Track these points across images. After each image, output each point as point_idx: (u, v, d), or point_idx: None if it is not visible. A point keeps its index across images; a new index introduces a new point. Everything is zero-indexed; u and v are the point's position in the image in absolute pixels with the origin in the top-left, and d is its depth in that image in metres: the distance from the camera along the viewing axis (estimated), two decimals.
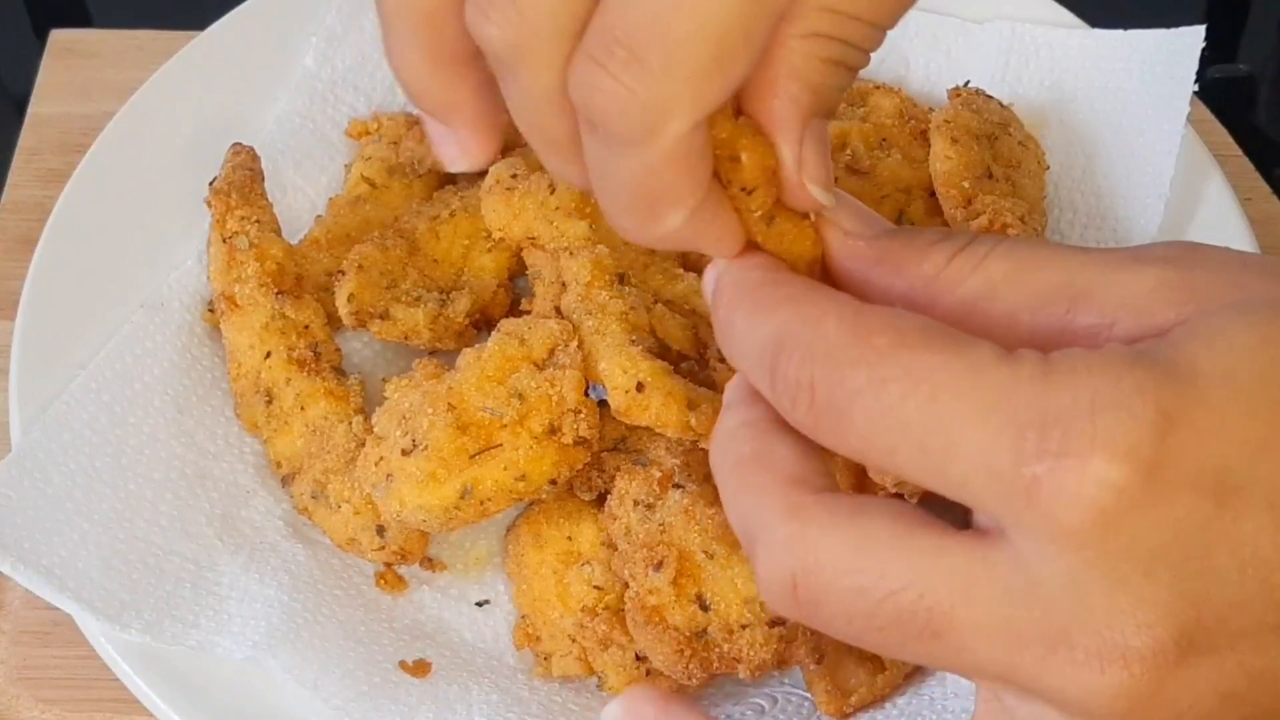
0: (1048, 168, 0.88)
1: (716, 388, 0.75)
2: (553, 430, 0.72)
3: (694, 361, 0.79)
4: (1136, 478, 0.41)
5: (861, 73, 0.94)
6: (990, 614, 0.43)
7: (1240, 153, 0.98)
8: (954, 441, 0.43)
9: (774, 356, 0.47)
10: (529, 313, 0.80)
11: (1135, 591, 0.42)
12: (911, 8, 0.49)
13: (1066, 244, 0.49)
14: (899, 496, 0.69)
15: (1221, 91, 1.08)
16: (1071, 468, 0.41)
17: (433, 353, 0.81)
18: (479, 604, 0.78)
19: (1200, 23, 0.88)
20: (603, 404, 0.74)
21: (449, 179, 0.91)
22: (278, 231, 0.81)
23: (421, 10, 0.49)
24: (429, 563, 0.78)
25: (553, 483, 0.72)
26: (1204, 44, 0.87)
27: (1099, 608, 0.42)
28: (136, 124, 0.90)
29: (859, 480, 0.73)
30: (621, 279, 0.78)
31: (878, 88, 0.92)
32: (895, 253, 0.49)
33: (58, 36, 1.05)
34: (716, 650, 0.69)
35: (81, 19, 1.15)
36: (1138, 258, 0.47)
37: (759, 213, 0.50)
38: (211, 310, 0.83)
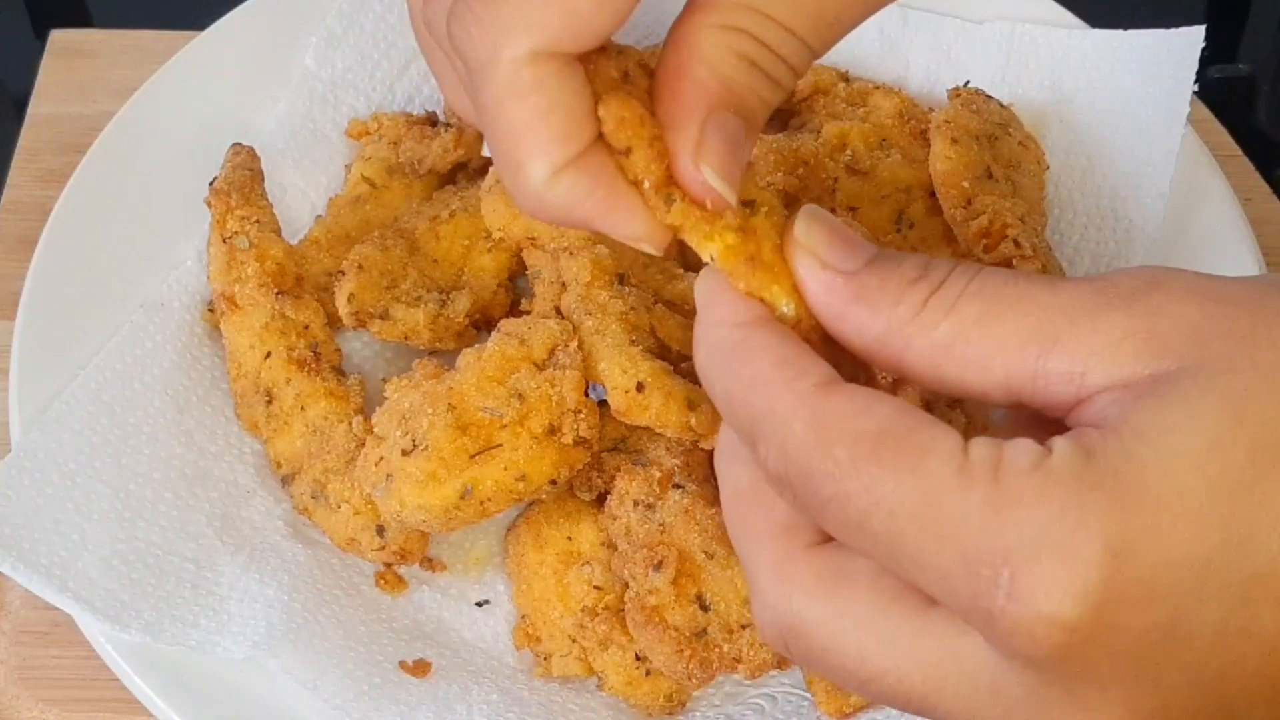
0: (1047, 168, 0.88)
1: None
2: (553, 430, 0.72)
3: (694, 362, 0.79)
4: (1086, 617, 0.43)
5: (862, 73, 0.95)
6: (962, 705, 0.47)
7: (1240, 153, 0.98)
8: (916, 561, 0.45)
9: (751, 436, 0.49)
10: (529, 313, 0.80)
11: (1092, 705, 0.45)
12: (844, 37, 0.51)
13: (1036, 278, 0.49)
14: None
15: (1221, 91, 1.08)
16: (1023, 609, 0.43)
17: (433, 353, 0.81)
18: (479, 604, 0.78)
19: (1200, 23, 0.88)
20: (603, 404, 0.74)
21: (449, 179, 0.91)
22: (278, 231, 0.81)
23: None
24: (429, 563, 0.78)
25: (553, 483, 0.72)
26: (1204, 44, 0.87)
27: (1058, 716, 0.46)
28: (136, 124, 0.90)
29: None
30: (621, 279, 0.78)
31: (878, 88, 0.92)
32: (872, 292, 0.50)
33: (58, 36, 1.05)
34: (716, 650, 0.69)
35: (81, 19, 1.15)
36: (1104, 300, 0.47)
37: (647, 184, 0.49)
38: (211, 310, 0.83)
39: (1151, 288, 0.47)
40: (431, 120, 0.92)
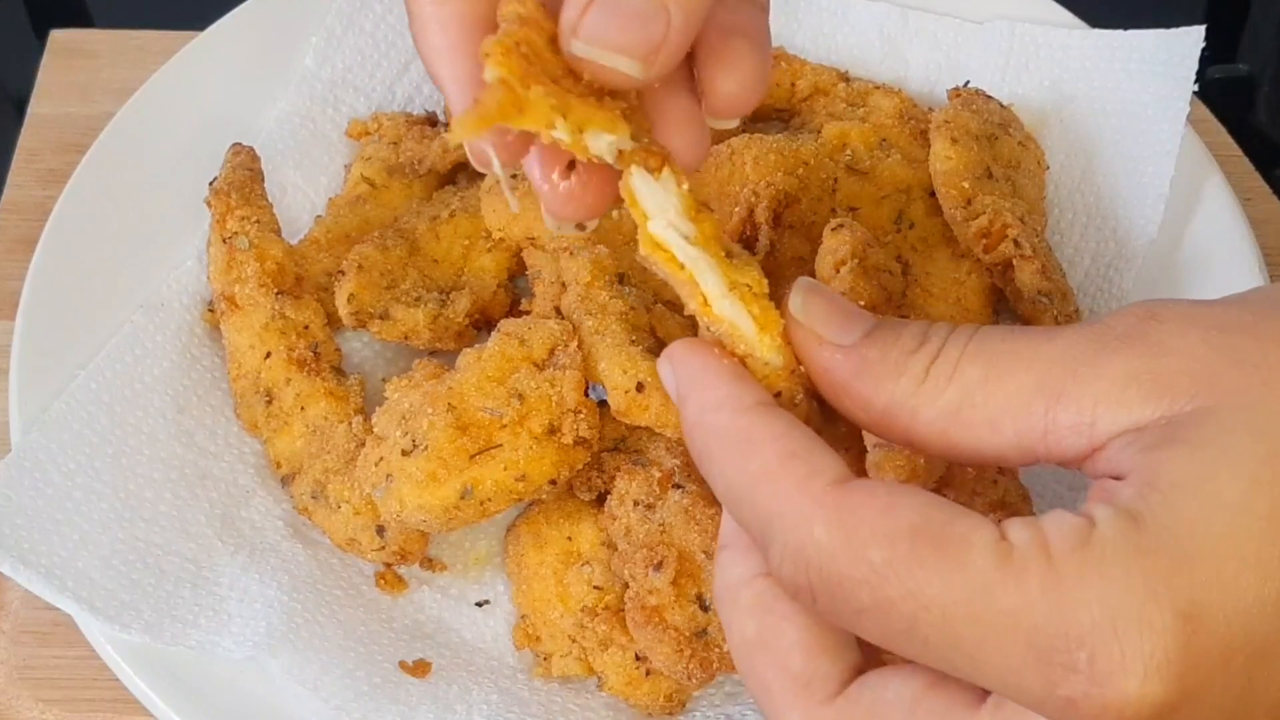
0: (1047, 168, 0.88)
1: None
2: (553, 430, 0.72)
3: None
4: (1170, 689, 0.42)
5: (862, 73, 0.95)
6: None
7: (1240, 153, 0.98)
8: (976, 660, 0.44)
9: (762, 538, 0.48)
10: (529, 313, 0.80)
11: None
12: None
13: (1033, 332, 0.49)
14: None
15: (1221, 91, 1.08)
16: (1108, 691, 0.42)
17: (433, 353, 0.81)
18: (479, 604, 0.78)
19: (1200, 23, 0.88)
20: (602, 404, 0.74)
21: (449, 179, 0.91)
22: (278, 232, 0.81)
23: None
24: (429, 563, 0.78)
25: (553, 483, 0.72)
26: (1204, 44, 0.87)
27: None
28: (136, 124, 0.90)
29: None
30: (621, 279, 0.78)
31: (878, 88, 0.92)
32: (873, 366, 0.49)
33: (58, 36, 1.05)
34: (716, 650, 0.69)
35: (81, 19, 1.15)
36: (1102, 345, 0.47)
37: (522, 48, 0.47)
38: (211, 310, 0.83)
39: (1147, 323, 0.47)
40: (431, 120, 0.92)
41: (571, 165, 0.52)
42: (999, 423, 0.47)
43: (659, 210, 0.50)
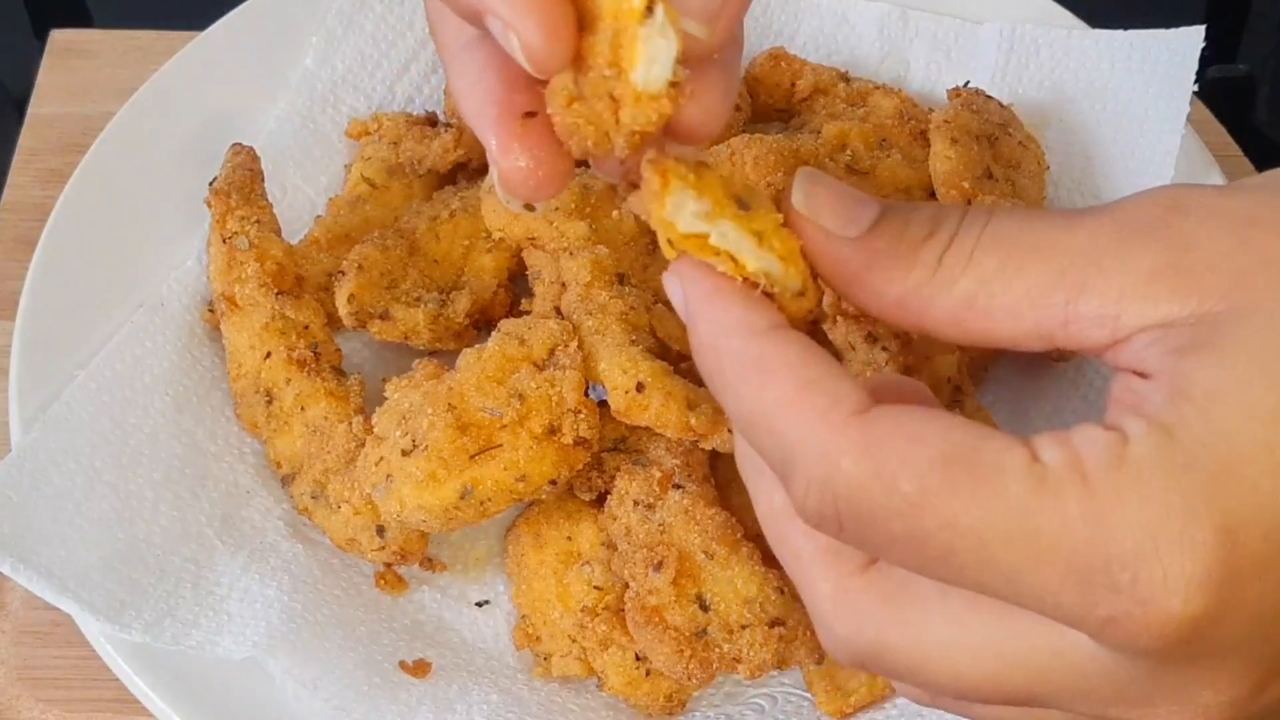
0: (1047, 168, 0.88)
1: None
2: (553, 431, 0.72)
3: (694, 361, 0.79)
4: (1210, 603, 0.42)
5: (862, 73, 0.95)
6: (1070, 694, 0.47)
7: (1240, 153, 0.98)
8: (1014, 583, 0.43)
9: (783, 470, 0.47)
10: (529, 313, 0.80)
11: (1210, 677, 0.45)
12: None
13: (1051, 217, 0.48)
14: None
15: (1221, 91, 1.08)
16: (1151, 610, 0.42)
17: (433, 353, 0.81)
18: (479, 604, 0.78)
19: (1200, 22, 0.88)
20: (603, 404, 0.74)
21: (449, 179, 0.91)
22: (278, 232, 0.81)
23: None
24: (429, 563, 0.78)
25: (553, 483, 0.72)
26: (1204, 44, 0.86)
27: (1177, 687, 0.45)
28: (136, 124, 0.90)
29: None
30: (621, 279, 0.78)
31: (878, 88, 0.92)
32: (883, 257, 0.48)
33: (58, 36, 1.05)
34: (716, 650, 0.69)
35: (81, 19, 1.15)
36: (1127, 237, 0.46)
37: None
38: (211, 310, 0.83)
39: (1172, 214, 0.46)
40: (431, 120, 0.92)
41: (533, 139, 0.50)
42: (1018, 311, 0.46)
43: (678, 208, 0.48)
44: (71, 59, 1.04)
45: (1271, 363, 0.43)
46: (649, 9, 0.44)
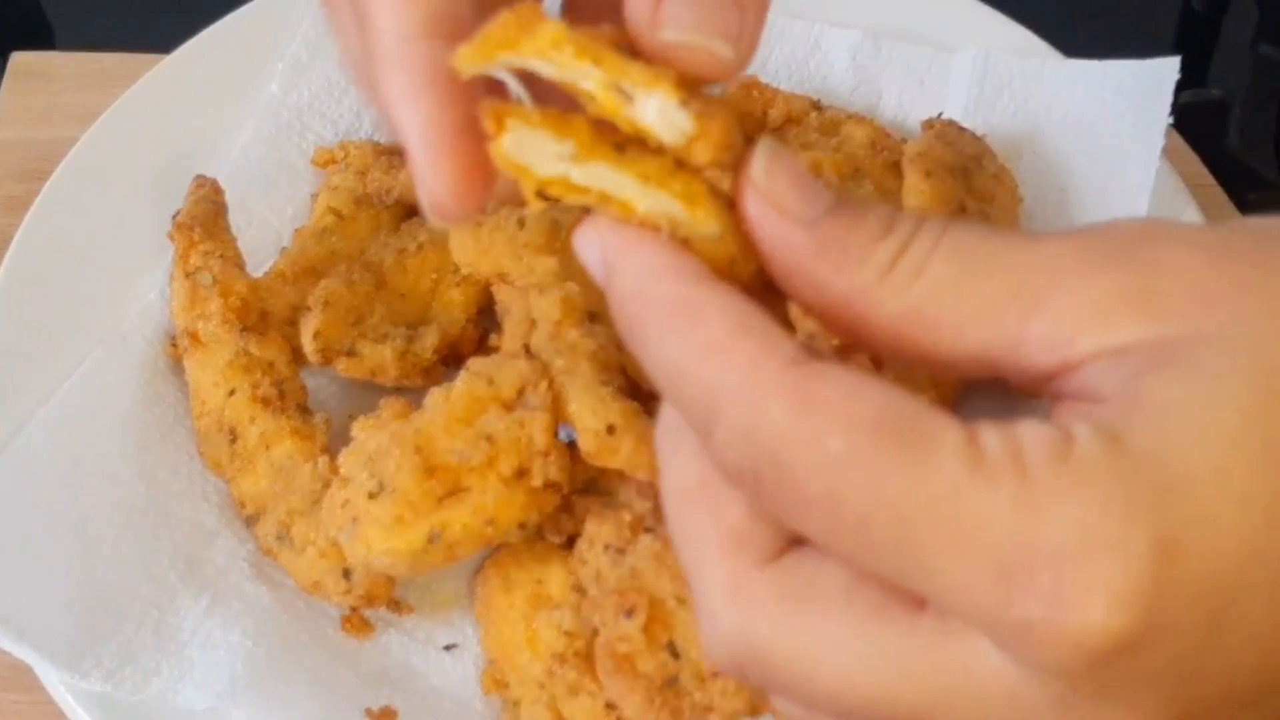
0: (1022, 200, 0.87)
1: None
2: (522, 473, 0.70)
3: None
4: (1134, 623, 0.39)
5: (834, 101, 0.94)
6: (972, 715, 0.43)
7: (1214, 182, 0.97)
8: (928, 567, 0.41)
9: (706, 417, 0.43)
10: (498, 349, 0.79)
11: (1123, 709, 0.41)
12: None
13: (1013, 234, 0.45)
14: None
15: (1193, 116, 1.07)
16: (1070, 618, 0.39)
17: (400, 390, 0.80)
18: (447, 648, 0.77)
19: (1171, 43, 0.88)
20: (572, 445, 0.73)
21: (417, 210, 0.89)
22: (242, 266, 0.80)
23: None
24: (395, 605, 0.77)
25: (522, 526, 0.71)
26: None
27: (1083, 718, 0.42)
28: (98, 152, 0.89)
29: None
30: (592, 317, 0.77)
31: (850, 117, 0.91)
32: (835, 247, 0.45)
33: (18, 59, 1.04)
34: (688, 699, 0.68)
35: (44, 39, 1.13)
36: (1092, 257, 0.43)
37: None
38: (175, 345, 0.82)
39: (1144, 241, 0.44)
40: (399, 149, 0.91)
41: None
42: (964, 329, 0.44)
43: (521, 148, 0.45)
44: (33, 82, 1.03)
45: (1234, 385, 0.41)
46: (626, 95, 0.44)
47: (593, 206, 0.47)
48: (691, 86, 0.46)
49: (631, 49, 0.47)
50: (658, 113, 0.45)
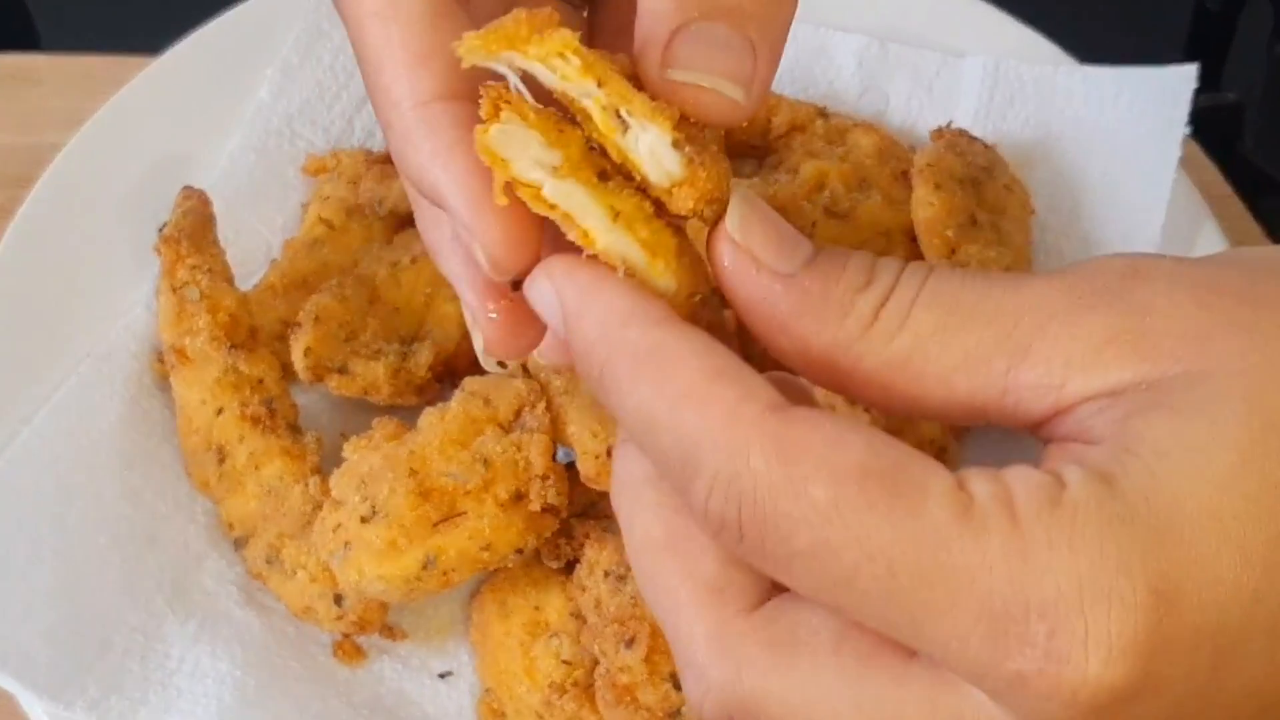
0: (1033, 212, 0.85)
1: None
2: (519, 497, 0.68)
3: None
4: (1132, 673, 0.38)
5: (840, 107, 0.91)
6: None
7: (1231, 192, 0.95)
8: (919, 621, 0.39)
9: (684, 472, 0.42)
10: None
11: None
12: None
13: (997, 278, 0.44)
14: None
15: (1208, 120, 1.05)
16: (1066, 670, 0.38)
17: (394, 408, 0.77)
18: (441, 675, 0.74)
19: (1184, 44, 0.85)
20: (571, 466, 0.71)
21: (410, 220, 0.87)
22: (230, 280, 0.77)
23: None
24: (389, 631, 0.75)
25: (519, 551, 0.69)
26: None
27: None
28: (83, 160, 0.87)
29: None
30: None
31: (857, 124, 0.89)
32: (815, 300, 0.44)
33: (3, 62, 1.01)
34: None
35: (29, 39, 1.10)
36: (1078, 299, 0.43)
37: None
38: (162, 360, 0.80)
39: (1131, 280, 0.43)
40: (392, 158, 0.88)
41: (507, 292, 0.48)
42: (952, 379, 0.43)
43: (521, 152, 0.44)
44: (16, 86, 1.00)
45: (1228, 426, 0.40)
46: (623, 123, 0.43)
47: (554, 220, 0.45)
48: (692, 130, 0.45)
49: (640, 83, 0.46)
50: (649, 149, 0.44)
